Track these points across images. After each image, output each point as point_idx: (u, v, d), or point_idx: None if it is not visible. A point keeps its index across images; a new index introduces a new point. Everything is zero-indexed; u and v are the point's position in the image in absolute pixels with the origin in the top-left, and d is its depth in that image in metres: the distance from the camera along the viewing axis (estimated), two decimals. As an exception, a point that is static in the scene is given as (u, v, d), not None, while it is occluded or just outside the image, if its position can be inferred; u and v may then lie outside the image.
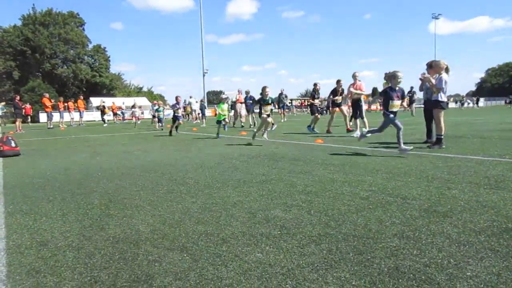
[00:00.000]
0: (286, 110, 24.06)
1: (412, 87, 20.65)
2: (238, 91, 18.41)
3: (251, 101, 16.29)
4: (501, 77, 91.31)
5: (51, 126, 21.38)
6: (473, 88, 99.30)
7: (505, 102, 59.29)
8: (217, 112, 11.52)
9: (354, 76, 10.63)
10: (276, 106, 20.67)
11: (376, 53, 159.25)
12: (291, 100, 40.42)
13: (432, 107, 7.21)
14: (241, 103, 17.91)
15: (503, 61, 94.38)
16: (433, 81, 7.02)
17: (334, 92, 11.53)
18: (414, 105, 22.18)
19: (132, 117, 23.42)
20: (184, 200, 3.60)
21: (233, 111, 18.44)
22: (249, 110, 17.25)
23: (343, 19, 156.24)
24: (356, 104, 10.60)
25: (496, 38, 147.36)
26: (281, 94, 22.18)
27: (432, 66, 7.40)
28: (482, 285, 1.79)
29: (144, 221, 2.97)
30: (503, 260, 2.05)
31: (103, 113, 26.27)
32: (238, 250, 2.32)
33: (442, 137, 6.95)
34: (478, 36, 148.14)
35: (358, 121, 10.48)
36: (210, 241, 2.49)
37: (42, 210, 3.39)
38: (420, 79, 7.71)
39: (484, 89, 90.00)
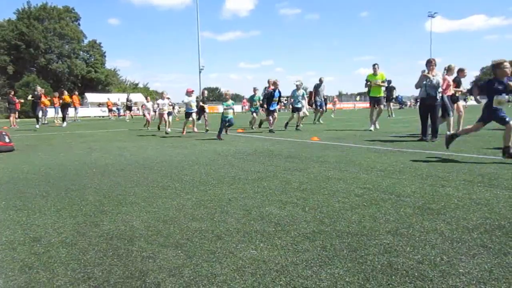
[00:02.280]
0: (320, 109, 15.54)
1: (389, 81, 16.92)
2: (268, 82, 13.43)
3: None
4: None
5: (46, 122, 21.23)
6: (469, 86, 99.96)
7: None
8: None
9: (449, 69, 9.04)
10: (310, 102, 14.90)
11: (373, 50, 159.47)
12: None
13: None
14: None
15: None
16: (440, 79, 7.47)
17: (458, 84, 9.28)
18: (392, 104, 18.66)
19: (144, 114, 15.98)
20: (179, 197, 3.59)
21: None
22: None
23: (339, 17, 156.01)
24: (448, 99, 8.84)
25: (492, 36, 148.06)
26: (320, 83, 15.10)
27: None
28: (474, 282, 1.80)
29: (139, 218, 2.96)
30: (495, 257, 2.07)
31: (129, 109, 24.80)
32: (232, 247, 2.32)
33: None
34: (474, 34, 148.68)
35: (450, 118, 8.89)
36: (204, 237, 2.49)
37: (35, 206, 3.37)
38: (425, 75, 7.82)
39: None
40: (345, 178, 4.24)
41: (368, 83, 11.27)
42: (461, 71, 9.45)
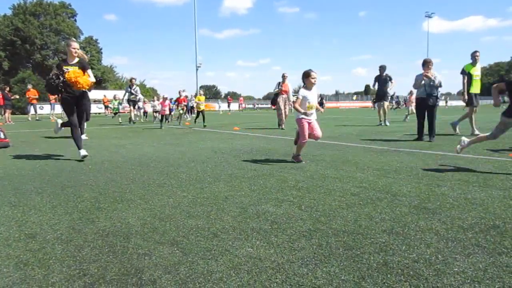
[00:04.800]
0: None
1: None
2: (283, 77, 11.96)
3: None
4: (492, 76, 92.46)
5: (38, 119, 21.30)
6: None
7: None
8: None
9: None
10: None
11: (370, 50, 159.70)
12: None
13: None
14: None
15: (494, 61, 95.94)
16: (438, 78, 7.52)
17: None
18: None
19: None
20: (175, 194, 3.58)
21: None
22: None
23: (338, 16, 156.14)
24: None
25: (489, 37, 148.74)
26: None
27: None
28: (468, 281, 1.82)
29: (135, 215, 2.95)
30: (490, 256, 2.09)
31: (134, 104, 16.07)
32: (228, 245, 2.32)
33: None
34: (471, 35, 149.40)
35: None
36: (200, 235, 2.49)
37: (31, 203, 3.35)
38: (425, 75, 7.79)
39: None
40: (341, 177, 4.25)
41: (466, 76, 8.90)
42: None
